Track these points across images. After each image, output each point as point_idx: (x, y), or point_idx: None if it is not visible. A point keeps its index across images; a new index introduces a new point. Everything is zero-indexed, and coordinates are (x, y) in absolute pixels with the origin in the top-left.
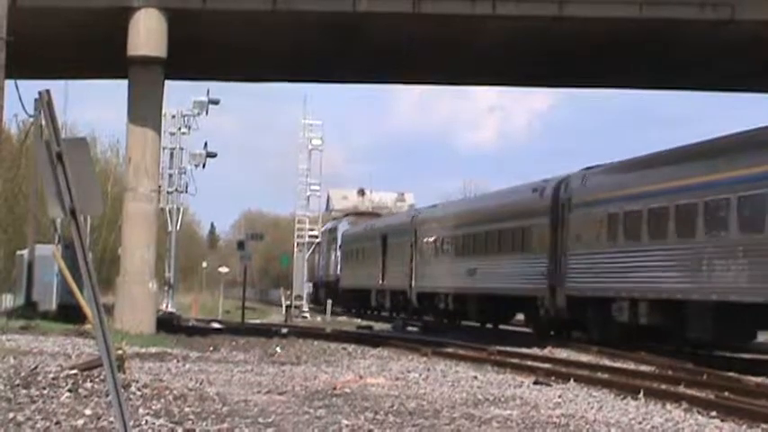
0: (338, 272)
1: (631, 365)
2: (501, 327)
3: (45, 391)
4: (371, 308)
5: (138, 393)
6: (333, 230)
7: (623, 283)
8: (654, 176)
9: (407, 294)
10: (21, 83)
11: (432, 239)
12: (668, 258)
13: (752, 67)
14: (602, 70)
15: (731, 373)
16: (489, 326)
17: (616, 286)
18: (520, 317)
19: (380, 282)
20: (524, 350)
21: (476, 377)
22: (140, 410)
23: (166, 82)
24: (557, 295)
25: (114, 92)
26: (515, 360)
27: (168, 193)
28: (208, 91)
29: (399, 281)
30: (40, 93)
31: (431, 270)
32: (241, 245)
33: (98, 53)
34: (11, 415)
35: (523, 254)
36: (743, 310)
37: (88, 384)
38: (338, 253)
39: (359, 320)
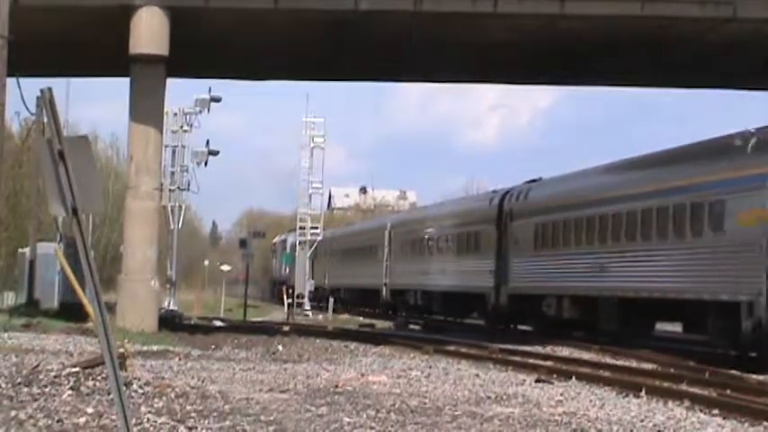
0: (286, 273)
1: (633, 363)
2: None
3: (47, 389)
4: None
5: (140, 391)
6: (284, 241)
7: (415, 281)
8: (434, 220)
9: (324, 288)
10: (23, 81)
11: (337, 251)
12: (428, 267)
13: (753, 65)
14: (603, 68)
15: (733, 371)
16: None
17: (411, 282)
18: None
19: (311, 280)
20: (526, 348)
21: (478, 375)
22: (142, 408)
23: (168, 80)
24: (387, 288)
25: (116, 90)
26: (517, 358)
27: (170, 190)
28: (210, 89)
29: (320, 279)
30: (41, 91)
31: (335, 272)
32: (243, 243)
33: (100, 51)
34: (13, 413)
35: (373, 263)
36: (461, 297)
37: (90, 382)
38: None
39: (361, 318)
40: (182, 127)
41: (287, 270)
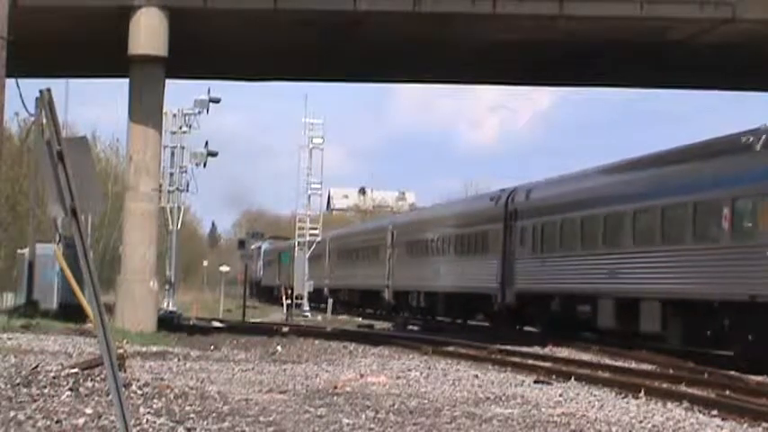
0: (261, 275)
1: (632, 364)
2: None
3: (46, 390)
4: (276, 297)
5: (139, 392)
6: (259, 248)
7: (343, 282)
8: (355, 236)
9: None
10: (22, 81)
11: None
12: (350, 272)
13: (752, 66)
14: (602, 69)
15: (732, 372)
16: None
17: (341, 283)
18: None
19: (278, 280)
20: (525, 349)
21: (477, 376)
22: (141, 409)
23: (167, 81)
24: (328, 287)
25: (115, 91)
26: (516, 359)
27: (169, 191)
28: (209, 90)
29: (284, 279)
30: (40, 91)
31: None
32: (242, 244)
33: (99, 52)
34: (12, 414)
35: (318, 267)
36: (369, 293)
37: (89, 383)
38: (261, 262)
39: (359, 319)
40: (180, 128)
41: (261, 273)
